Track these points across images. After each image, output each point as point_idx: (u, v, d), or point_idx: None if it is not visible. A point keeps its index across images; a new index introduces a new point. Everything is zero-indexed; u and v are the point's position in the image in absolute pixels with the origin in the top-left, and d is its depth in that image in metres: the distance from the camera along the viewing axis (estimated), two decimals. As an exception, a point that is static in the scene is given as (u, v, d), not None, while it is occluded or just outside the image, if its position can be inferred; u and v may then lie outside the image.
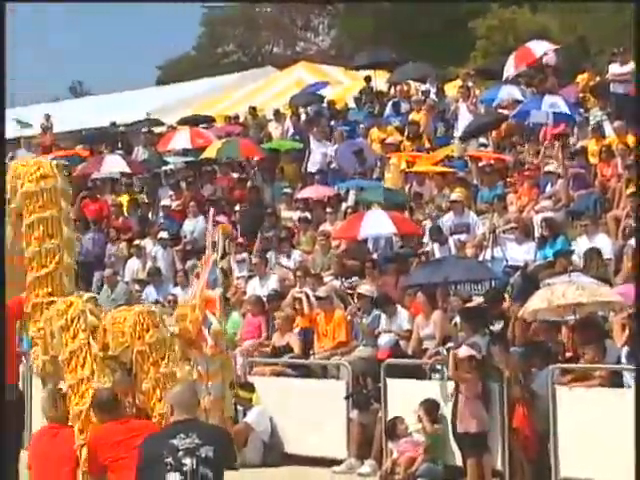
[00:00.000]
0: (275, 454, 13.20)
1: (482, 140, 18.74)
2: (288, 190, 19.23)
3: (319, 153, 20.30)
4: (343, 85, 27.24)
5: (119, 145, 24.56)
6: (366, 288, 14.02)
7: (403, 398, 12.23)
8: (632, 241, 13.00)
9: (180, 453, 6.52)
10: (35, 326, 7.96)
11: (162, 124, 26.18)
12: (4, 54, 8.68)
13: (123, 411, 7.49)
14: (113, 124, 26.59)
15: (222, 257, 7.88)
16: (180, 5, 74.50)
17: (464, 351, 11.38)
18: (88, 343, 7.61)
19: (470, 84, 20.38)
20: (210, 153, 20.60)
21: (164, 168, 22.23)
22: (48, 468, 7.61)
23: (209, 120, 25.50)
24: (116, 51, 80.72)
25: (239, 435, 12.29)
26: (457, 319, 12.68)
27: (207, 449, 6.56)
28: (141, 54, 79.77)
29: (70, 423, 7.59)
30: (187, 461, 6.52)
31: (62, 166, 8.82)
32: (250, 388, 13.33)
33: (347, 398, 12.78)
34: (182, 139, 22.14)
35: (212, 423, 7.18)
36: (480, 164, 17.30)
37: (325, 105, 23.44)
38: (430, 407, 11.89)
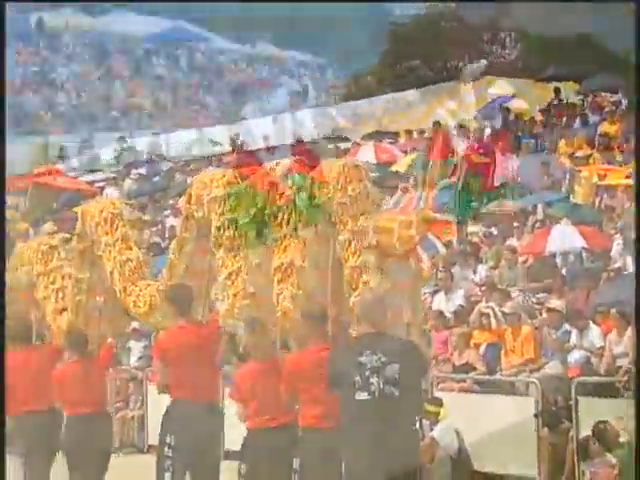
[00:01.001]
0: (463, 471, 13.02)
1: (678, 151, 18.07)
2: (473, 204, 19.02)
3: (504, 167, 20.01)
4: (530, 97, 26.83)
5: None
6: (556, 303, 13.73)
7: (595, 417, 11.88)
8: None
9: (367, 372, 6.49)
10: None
11: (347, 140, 26.44)
12: (4, 54, 8.87)
13: (326, 329, 7.40)
14: (299, 141, 27.02)
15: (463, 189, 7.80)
16: (366, 21, 75.26)
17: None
18: (293, 200, 7.80)
19: (665, 93, 19.71)
20: (400, 167, 20.63)
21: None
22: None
23: (394, 135, 25.59)
24: (301, 68, 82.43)
25: (425, 450, 12.21)
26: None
27: (393, 367, 6.51)
28: (327, 70, 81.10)
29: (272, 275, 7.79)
30: (374, 380, 6.50)
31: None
32: (438, 402, 13.22)
33: (536, 416, 12.52)
34: (367, 154, 22.31)
35: (399, 337, 6.99)
36: (676, 176, 16.69)
37: (512, 118, 23.14)
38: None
